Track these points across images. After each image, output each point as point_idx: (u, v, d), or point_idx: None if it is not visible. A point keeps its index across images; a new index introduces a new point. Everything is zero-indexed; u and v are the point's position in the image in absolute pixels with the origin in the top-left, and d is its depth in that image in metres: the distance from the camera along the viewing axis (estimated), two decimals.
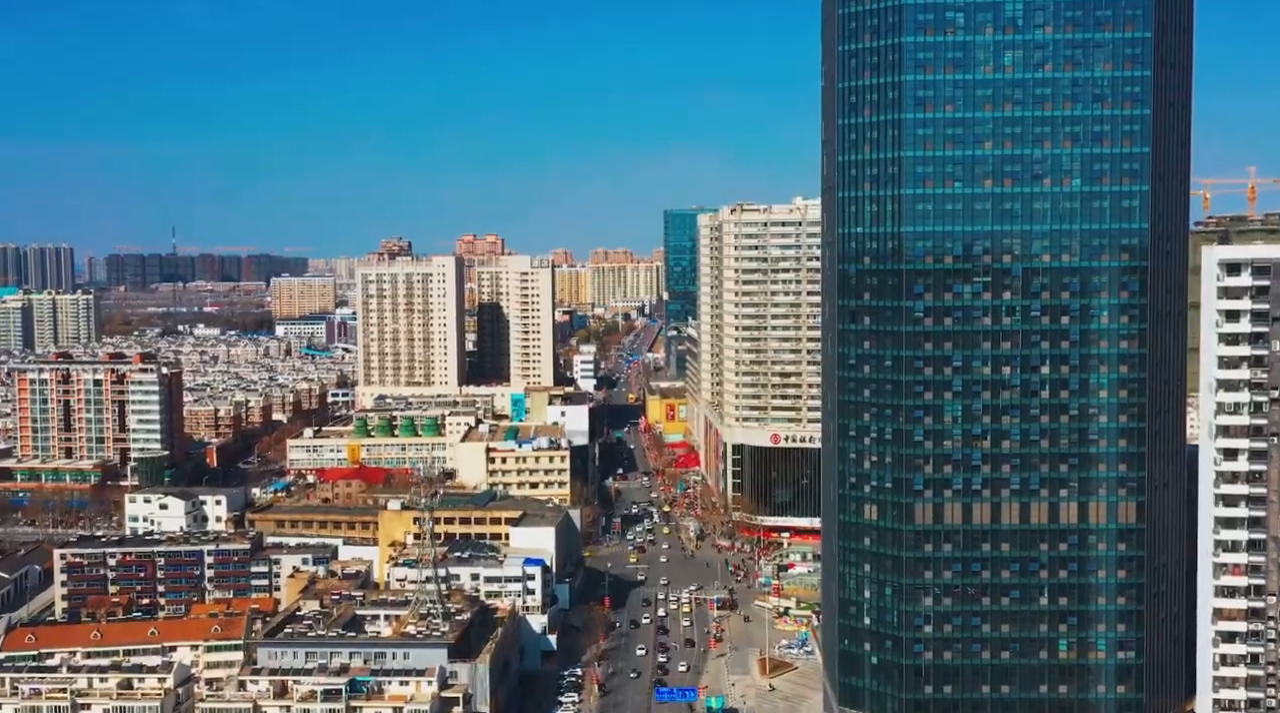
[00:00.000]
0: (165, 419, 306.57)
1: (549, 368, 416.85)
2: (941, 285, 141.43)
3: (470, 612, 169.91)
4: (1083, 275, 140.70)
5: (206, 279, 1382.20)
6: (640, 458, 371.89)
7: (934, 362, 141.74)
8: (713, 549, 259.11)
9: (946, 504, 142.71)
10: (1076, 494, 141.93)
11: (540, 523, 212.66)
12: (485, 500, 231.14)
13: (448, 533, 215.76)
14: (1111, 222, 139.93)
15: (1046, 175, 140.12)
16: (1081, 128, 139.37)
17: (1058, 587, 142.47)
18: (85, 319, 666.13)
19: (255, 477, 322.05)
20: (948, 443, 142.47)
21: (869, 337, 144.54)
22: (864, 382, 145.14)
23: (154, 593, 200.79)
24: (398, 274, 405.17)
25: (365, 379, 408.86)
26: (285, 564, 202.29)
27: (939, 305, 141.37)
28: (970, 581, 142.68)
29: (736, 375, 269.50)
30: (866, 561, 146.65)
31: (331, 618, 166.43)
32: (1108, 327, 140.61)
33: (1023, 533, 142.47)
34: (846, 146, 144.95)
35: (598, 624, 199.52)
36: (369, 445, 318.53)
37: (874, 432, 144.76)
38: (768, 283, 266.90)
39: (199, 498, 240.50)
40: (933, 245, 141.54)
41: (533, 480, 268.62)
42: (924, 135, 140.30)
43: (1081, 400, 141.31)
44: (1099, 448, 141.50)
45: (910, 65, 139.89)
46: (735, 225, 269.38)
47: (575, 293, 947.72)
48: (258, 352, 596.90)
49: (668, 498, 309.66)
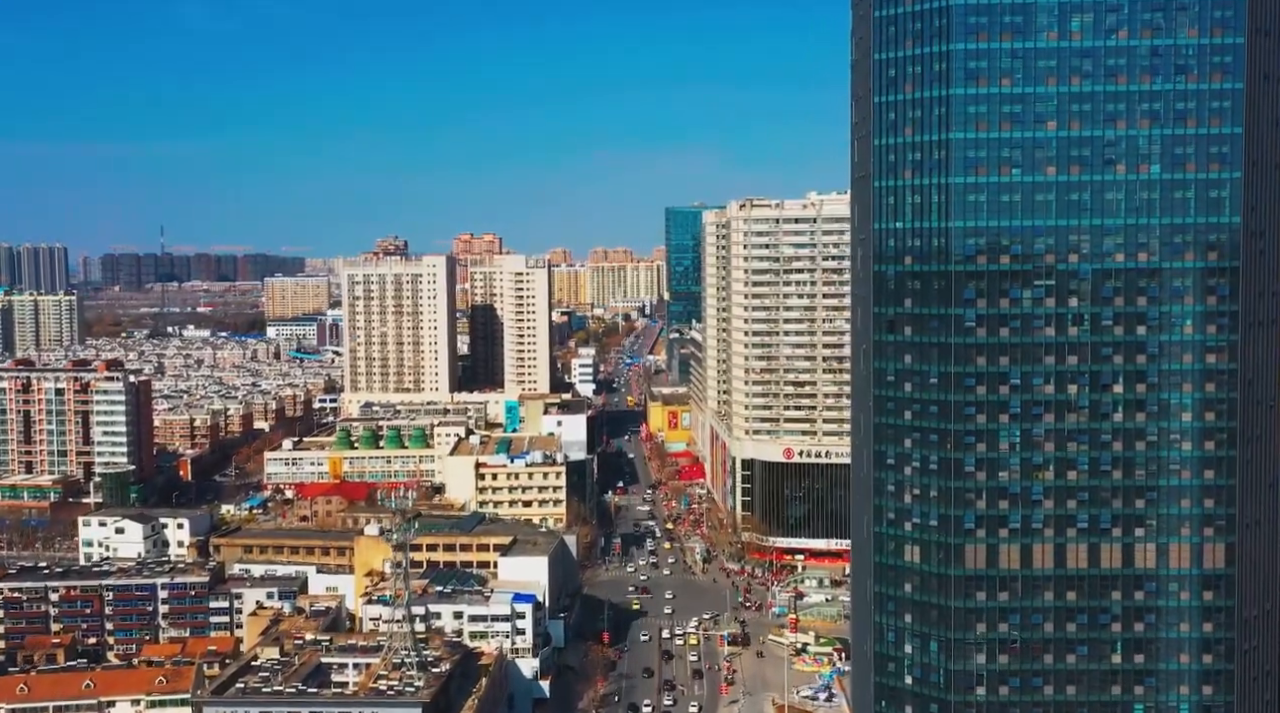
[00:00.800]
0: (132, 431, 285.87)
1: (545, 373, 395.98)
2: (996, 290, 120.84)
3: (450, 660, 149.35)
4: (1162, 278, 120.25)
5: (202, 279, 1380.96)
6: (642, 469, 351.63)
7: (988, 379, 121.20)
8: (720, 573, 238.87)
9: (1002, 546, 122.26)
10: (1154, 534, 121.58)
11: (532, 551, 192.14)
12: (472, 525, 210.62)
13: (430, 560, 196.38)
14: (1196, 214, 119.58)
15: (1120, 161, 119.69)
16: (1162, 105, 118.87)
17: (1133, 642, 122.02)
18: (68, 321, 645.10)
19: (231, 492, 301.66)
20: (1004, 474, 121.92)
21: (911, 350, 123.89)
22: (905, 402, 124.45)
23: (101, 632, 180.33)
24: (386, 275, 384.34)
25: (352, 386, 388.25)
26: (248, 599, 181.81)
27: (993, 313, 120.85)
28: (1030, 635, 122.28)
29: (746, 385, 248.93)
30: (907, 610, 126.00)
31: (292, 668, 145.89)
32: (1191, 338, 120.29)
33: (1091, 579, 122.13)
34: (884, 128, 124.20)
35: (596, 665, 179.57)
36: (351, 458, 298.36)
37: (916, 460, 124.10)
38: (779, 285, 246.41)
39: (159, 521, 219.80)
40: (986, 243, 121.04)
41: (525, 499, 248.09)
42: (976, 114, 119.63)
43: (1160, 424, 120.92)
44: (1181, 480, 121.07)
45: (960, 32, 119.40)
46: (744, 222, 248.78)
47: (574, 293, 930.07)
48: (245, 355, 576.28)
49: (671, 515, 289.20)
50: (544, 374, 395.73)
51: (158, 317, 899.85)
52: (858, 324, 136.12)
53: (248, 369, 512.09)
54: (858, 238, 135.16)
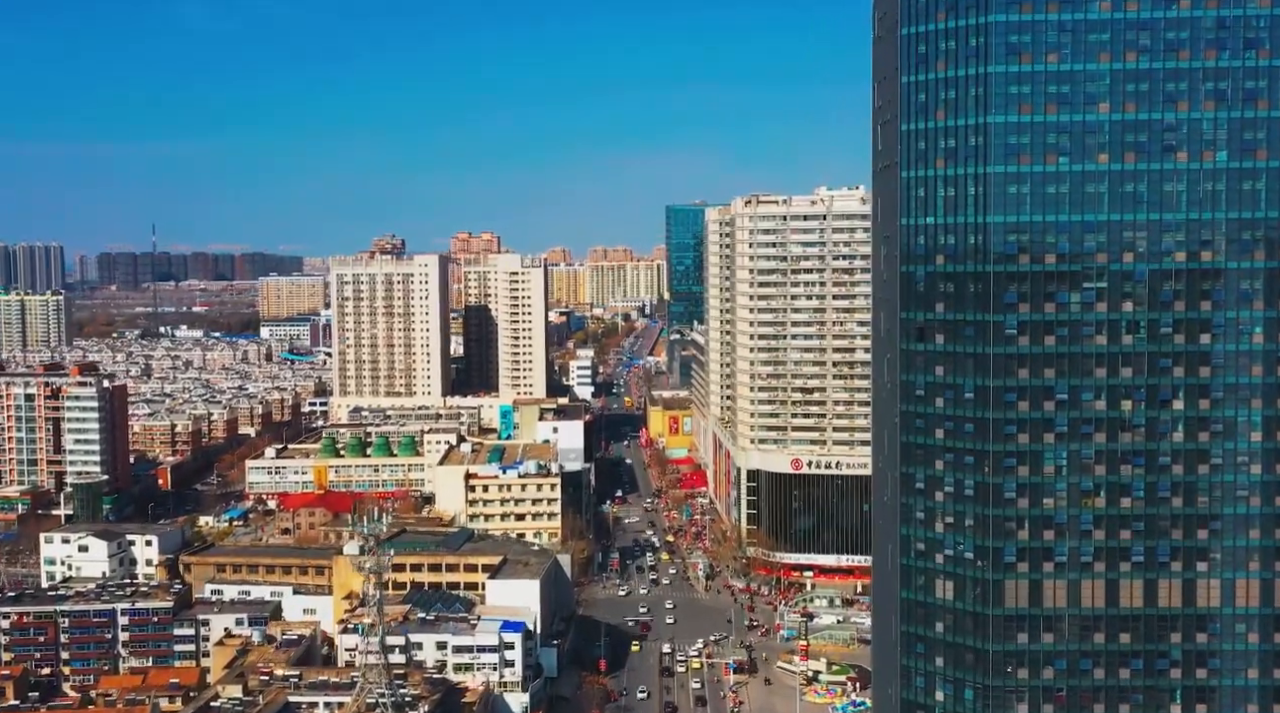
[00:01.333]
0: (106, 439, 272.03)
1: (541, 376, 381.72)
2: (1041, 293, 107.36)
3: (430, 700, 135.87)
4: (1228, 279, 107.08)
5: (200, 278, 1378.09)
6: (641, 476, 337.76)
7: (1031, 394, 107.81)
8: (724, 590, 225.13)
9: (1047, 581, 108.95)
10: (1218, 569, 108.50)
11: (523, 573, 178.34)
12: (459, 542, 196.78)
13: (414, 582, 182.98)
14: (1267, 208, 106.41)
15: (1182, 147, 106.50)
16: (1229, 84, 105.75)
17: (1194, 690, 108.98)
18: (56, 321, 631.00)
19: (212, 501, 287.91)
20: (1049, 501, 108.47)
21: (943, 360, 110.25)
22: (936, 420, 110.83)
23: (56, 662, 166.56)
24: (376, 274, 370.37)
25: (341, 389, 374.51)
26: (215, 626, 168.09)
27: (1037, 319, 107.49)
28: (1079, 682, 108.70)
29: (751, 391, 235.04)
30: (939, 653, 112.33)
31: (256, 710, 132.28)
32: (1260, 347, 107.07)
33: (1148, 620, 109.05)
34: (912, 112, 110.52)
35: (592, 698, 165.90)
36: (337, 467, 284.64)
37: (950, 485, 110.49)
38: (787, 285, 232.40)
39: (125, 538, 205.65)
40: (1029, 240, 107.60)
41: (518, 512, 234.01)
42: (1018, 95, 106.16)
43: (1225, 445, 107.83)
44: (1248, 508, 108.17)
45: (1000, 1, 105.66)
46: (750, 219, 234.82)
47: (573, 293, 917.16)
48: (235, 356, 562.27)
49: (672, 527, 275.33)
50: (540, 377, 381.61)
51: (153, 316, 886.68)
52: (881, 331, 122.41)
53: (237, 371, 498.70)
54: (881, 235, 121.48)
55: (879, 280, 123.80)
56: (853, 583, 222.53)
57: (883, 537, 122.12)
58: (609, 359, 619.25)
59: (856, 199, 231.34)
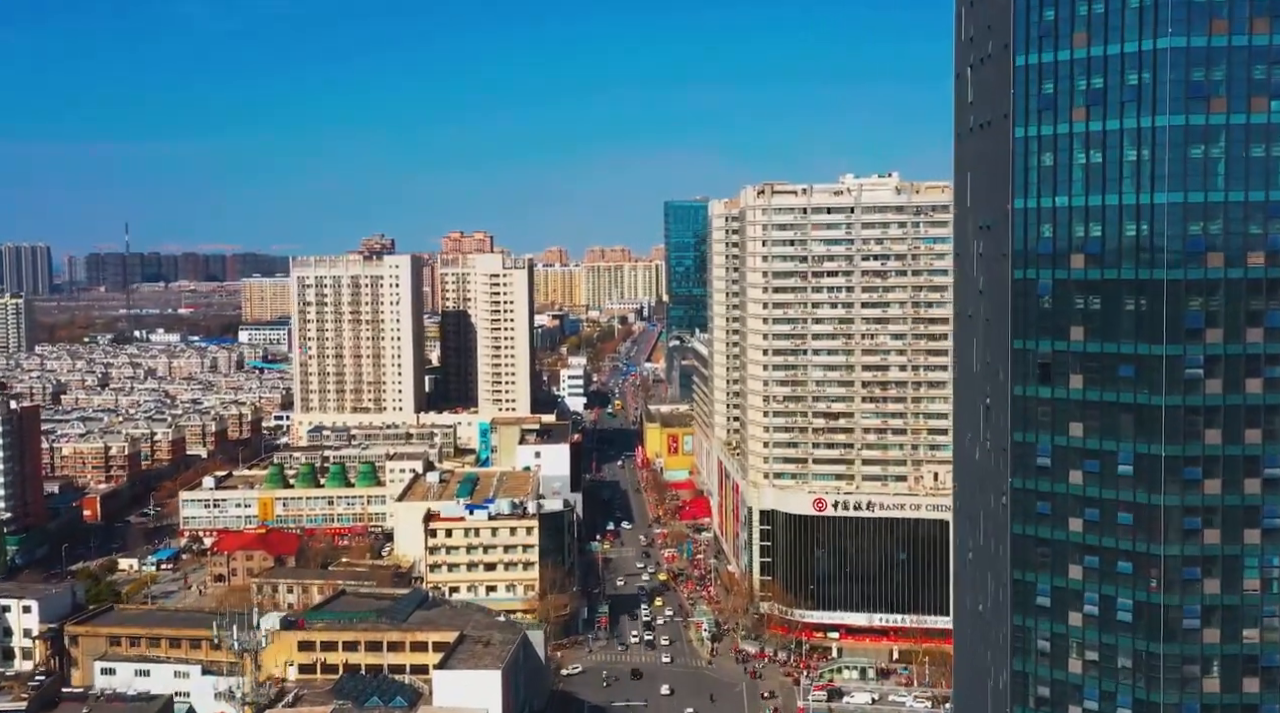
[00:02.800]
0: (14, 469, 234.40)
1: (525, 389, 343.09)
2: (1242, 312, 69.60)
3: None
4: None
5: (190, 279, 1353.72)
6: (636, 503, 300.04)
7: (1225, 467, 69.90)
8: (733, 657, 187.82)
9: None
10: None
11: (482, 657, 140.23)
12: (408, 610, 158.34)
13: (348, 663, 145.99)
14: None
15: None
16: None
17: None
18: (15, 326, 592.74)
19: (138, 540, 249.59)
20: (1252, 634, 70.79)
21: (1083, 413, 72.50)
22: (1072, 502, 73.03)
23: None
24: (341, 277, 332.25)
25: (303, 405, 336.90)
26: None
27: (1235, 354, 69.68)
28: None
29: (765, 416, 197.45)
30: None
31: None
32: None
33: None
34: (1034, 37, 72.73)
35: None
36: (286, 499, 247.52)
37: (1093, 604, 72.84)
38: (808, 290, 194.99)
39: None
40: (1223, 232, 69.62)
41: (488, 560, 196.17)
42: (1207, 5, 68.34)
43: None
44: None
45: None
46: (763, 212, 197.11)
47: (569, 294, 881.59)
48: (204, 364, 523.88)
49: (671, 568, 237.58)
50: (524, 390, 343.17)
51: (128, 319, 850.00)
52: (972, 366, 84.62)
53: (200, 381, 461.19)
54: (973, 225, 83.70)
55: (968, 291, 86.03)
56: (887, 646, 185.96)
57: (969, 671, 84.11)
58: (604, 366, 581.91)
59: (889, 188, 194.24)
